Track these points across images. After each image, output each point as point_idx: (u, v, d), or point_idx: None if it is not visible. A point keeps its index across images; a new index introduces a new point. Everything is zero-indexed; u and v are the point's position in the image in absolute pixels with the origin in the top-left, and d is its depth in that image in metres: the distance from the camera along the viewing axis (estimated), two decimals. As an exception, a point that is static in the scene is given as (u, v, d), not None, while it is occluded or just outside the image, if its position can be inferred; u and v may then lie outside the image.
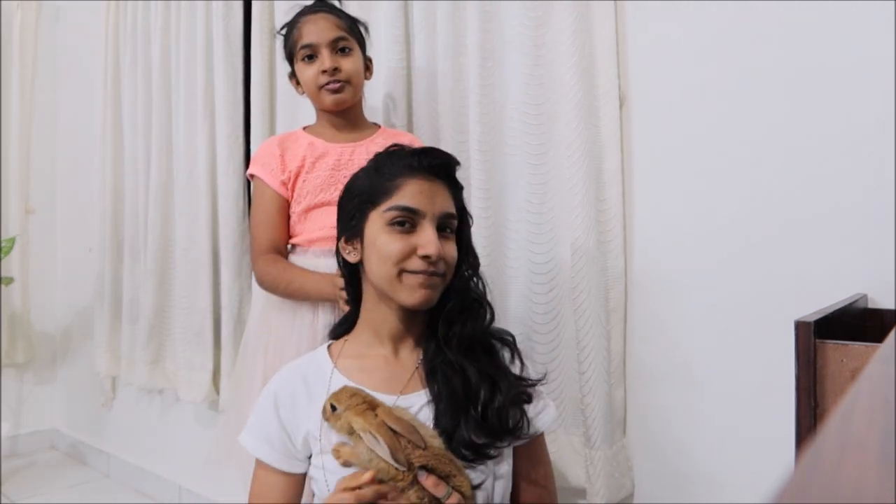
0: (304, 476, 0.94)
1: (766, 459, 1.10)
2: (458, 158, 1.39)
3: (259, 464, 0.94)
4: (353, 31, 1.32)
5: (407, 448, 0.81)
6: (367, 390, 0.88)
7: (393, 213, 0.91)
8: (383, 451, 0.79)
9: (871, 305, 0.99)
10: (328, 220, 1.23)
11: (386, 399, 0.88)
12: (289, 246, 1.33)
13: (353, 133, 1.33)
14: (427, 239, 0.89)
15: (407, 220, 0.90)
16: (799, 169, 1.07)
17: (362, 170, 1.00)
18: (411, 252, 0.89)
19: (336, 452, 0.86)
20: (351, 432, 0.83)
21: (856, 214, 1.01)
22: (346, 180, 1.21)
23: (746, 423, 1.12)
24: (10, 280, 2.65)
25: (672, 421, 1.22)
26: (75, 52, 2.87)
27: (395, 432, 0.81)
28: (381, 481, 0.81)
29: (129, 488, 2.49)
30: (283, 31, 1.36)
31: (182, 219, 2.06)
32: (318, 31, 1.28)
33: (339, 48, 1.28)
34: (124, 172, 2.39)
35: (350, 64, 1.28)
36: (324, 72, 1.26)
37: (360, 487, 0.81)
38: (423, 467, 0.81)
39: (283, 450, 0.92)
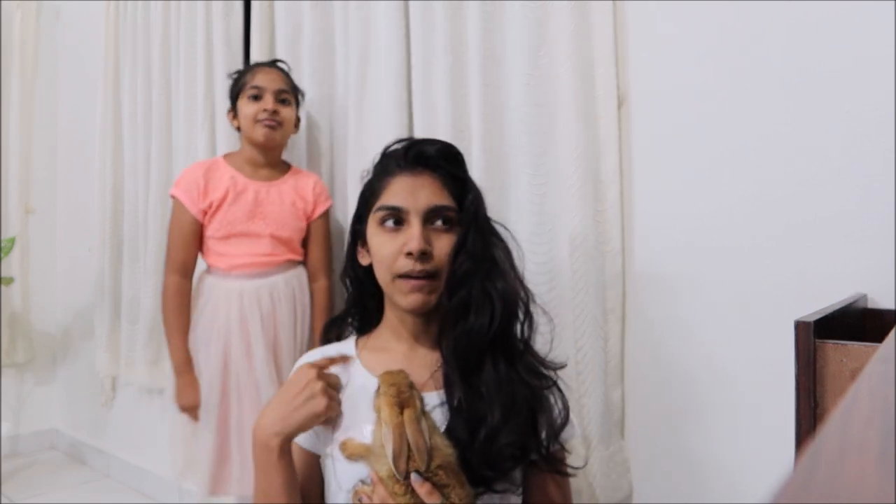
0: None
1: (766, 459, 1.10)
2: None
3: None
4: (293, 90, 1.61)
5: (412, 459, 0.79)
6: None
7: (381, 214, 0.90)
8: (388, 452, 0.79)
9: (871, 305, 0.99)
10: (249, 248, 1.52)
11: None
12: (206, 267, 1.58)
13: (268, 171, 1.60)
14: (410, 235, 0.87)
15: (394, 219, 0.89)
16: (799, 169, 1.07)
17: (369, 171, 0.99)
18: (401, 251, 0.88)
19: (343, 446, 0.86)
20: (379, 414, 0.83)
21: (856, 214, 1.01)
22: (265, 215, 1.54)
23: (746, 423, 1.12)
24: (10, 280, 2.65)
25: (671, 422, 1.21)
26: (75, 52, 2.87)
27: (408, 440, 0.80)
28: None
29: (129, 488, 2.49)
30: (235, 75, 1.63)
31: (182, 219, 2.06)
32: (268, 79, 1.56)
33: (281, 98, 1.56)
34: (124, 172, 2.39)
35: (287, 112, 1.57)
36: (265, 110, 1.53)
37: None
38: (419, 473, 0.80)
39: None
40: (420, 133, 1.47)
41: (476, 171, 1.35)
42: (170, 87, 2.17)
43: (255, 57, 1.85)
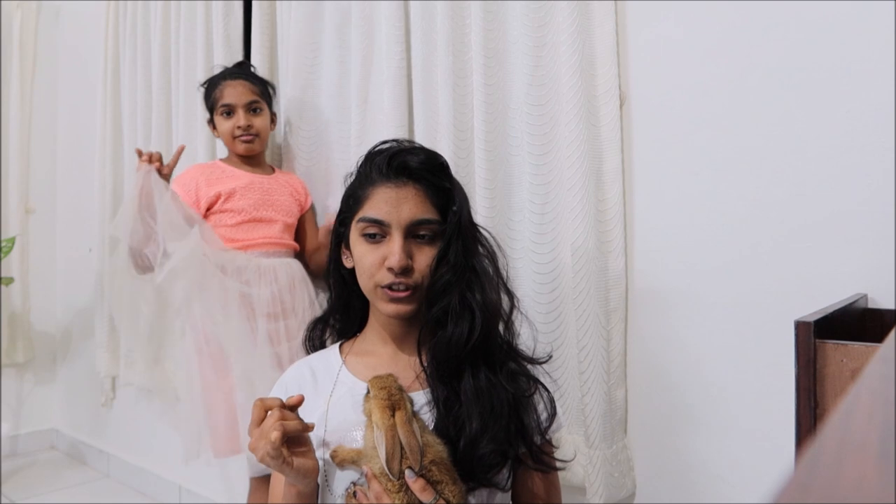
0: None
1: (767, 459, 1.10)
2: (461, 158, 1.40)
3: None
4: (263, 94, 1.66)
5: (406, 459, 0.80)
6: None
7: (363, 225, 0.91)
8: (381, 454, 0.79)
9: (871, 305, 0.99)
10: (264, 231, 1.61)
11: None
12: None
13: (260, 168, 1.69)
14: (391, 250, 0.88)
15: (376, 231, 0.89)
16: (799, 169, 1.07)
17: (353, 174, 0.99)
18: (382, 263, 0.89)
19: (333, 453, 0.86)
20: (370, 417, 0.84)
21: (856, 215, 1.01)
22: (273, 203, 1.63)
23: (747, 423, 1.12)
24: (10, 280, 2.65)
25: (674, 421, 1.22)
26: (75, 52, 2.87)
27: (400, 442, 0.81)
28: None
29: (128, 488, 2.49)
30: (205, 86, 1.68)
31: (182, 219, 2.06)
32: (236, 94, 1.61)
33: (251, 109, 1.62)
34: (124, 172, 2.39)
35: (260, 122, 1.64)
36: (239, 127, 1.61)
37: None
38: (412, 469, 0.81)
39: None
40: (422, 134, 1.47)
41: (479, 172, 1.35)
42: (170, 87, 2.17)
43: (256, 57, 1.85)
